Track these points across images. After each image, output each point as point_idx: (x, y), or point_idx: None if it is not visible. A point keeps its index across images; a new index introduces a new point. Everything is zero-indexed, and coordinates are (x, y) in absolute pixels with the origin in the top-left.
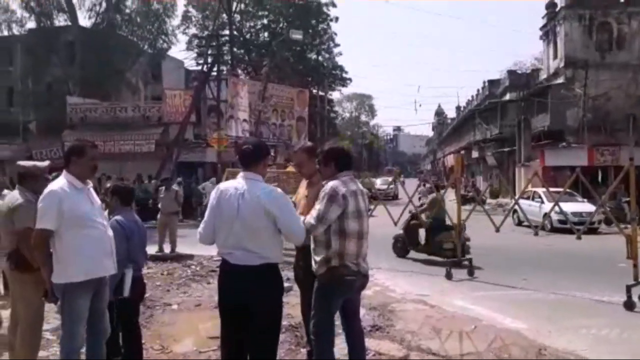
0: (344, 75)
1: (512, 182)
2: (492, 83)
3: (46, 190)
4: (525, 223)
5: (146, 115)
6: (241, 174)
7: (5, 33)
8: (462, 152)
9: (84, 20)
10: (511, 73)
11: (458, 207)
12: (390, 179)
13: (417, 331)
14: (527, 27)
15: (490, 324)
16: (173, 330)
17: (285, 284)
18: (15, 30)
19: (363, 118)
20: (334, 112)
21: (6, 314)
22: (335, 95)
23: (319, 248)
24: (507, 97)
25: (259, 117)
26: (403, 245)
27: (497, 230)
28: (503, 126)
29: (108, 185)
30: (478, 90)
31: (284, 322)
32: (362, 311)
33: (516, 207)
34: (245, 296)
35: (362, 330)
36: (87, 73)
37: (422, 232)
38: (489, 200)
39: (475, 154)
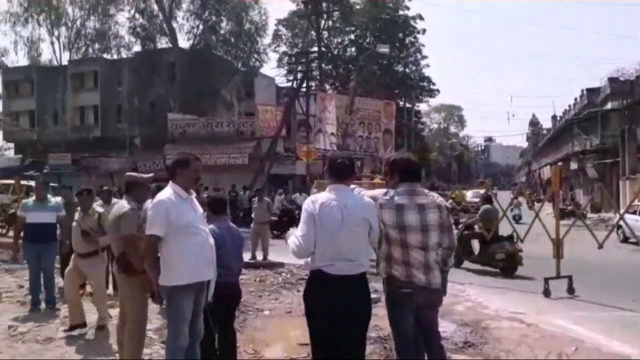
0: (432, 86)
1: (616, 196)
2: (591, 91)
3: (155, 200)
4: (632, 239)
5: (240, 130)
6: (334, 185)
7: (115, 57)
8: (560, 163)
9: (183, 42)
10: (612, 80)
11: (556, 221)
12: (482, 191)
13: (513, 350)
14: (629, 32)
15: (594, 346)
16: (265, 336)
17: (373, 295)
18: (124, 53)
19: (452, 129)
20: (422, 123)
21: (115, 312)
22: (422, 107)
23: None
24: (609, 105)
25: (346, 130)
26: (457, 255)
27: (600, 246)
28: (604, 136)
29: (205, 195)
30: (575, 99)
31: (372, 334)
32: (452, 327)
33: (621, 222)
34: (343, 305)
35: (441, 347)
36: (186, 91)
37: (475, 243)
38: (590, 215)
39: (574, 166)
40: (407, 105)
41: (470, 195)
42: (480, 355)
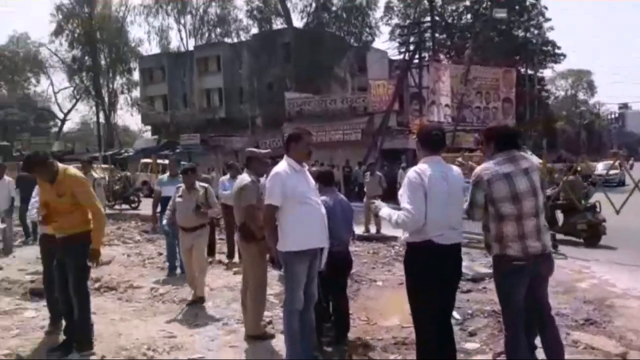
0: (556, 51)
1: None
2: None
3: (272, 172)
4: None
5: (353, 105)
6: (429, 157)
7: (235, 40)
8: None
9: (297, 21)
10: None
11: None
12: (615, 162)
13: None
14: None
15: None
16: (377, 305)
17: (481, 270)
18: (243, 36)
19: (581, 96)
20: (546, 91)
21: (237, 280)
22: (546, 73)
23: (484, 231)
24: None
25: (461, 101)
26: None
27: None
28: None
29: (314, 169)
30: None
31: (487, 307)
32: (574, 304)
33: None
34: (452, 273)
35: (553, 319)
36: (301, 70)
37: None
38: None
39: None
40: (529, 72)
41: (600, 167)
42: (602, 334)
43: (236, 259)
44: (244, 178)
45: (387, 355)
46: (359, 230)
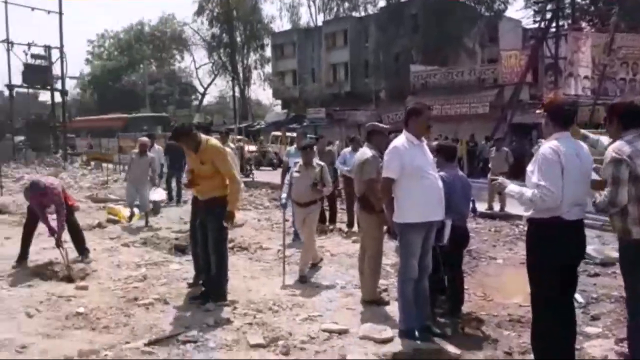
0: None
1: None
2: None
3: (390, 146)
4: None
5: (481, 77)
6: (560, 133)
7: (362, 14)
8: None
9: None
10: None
11: None
12: None
13: None
14: None
15: None
16: (496, 282)
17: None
18: (370, 10)
19: None
20: None
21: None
22: None
23: (615, 216)
24: None
25: (603, 72)
26: None
27: None
28: None
29: (435, 143)
30: None
31: (614, 293)
32: None
33: None
34: (577, 250)
35: None
36: (429, 42)
37: None
38: None
39: None
40: None
41: None
42: None
43: (355, 228)
44: (365, 152)
45: (501, 331)
46: (481, 207)
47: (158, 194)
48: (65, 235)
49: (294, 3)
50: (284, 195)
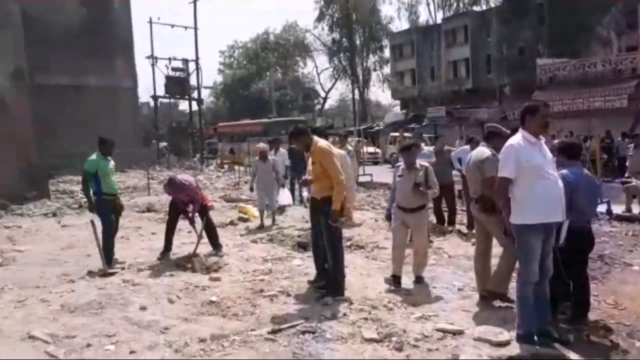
0: None
1: None
2: None
3: (506, 145)
4: None
5: (618, 68)
6: None
7: (484, 8)
8: None
9: None
10: None
11: None
12: None
13: None
14: None
15: None
16: (630, 290)
17: None
18: (492, 3)
19: None
20: None
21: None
22: None
23: None
24: None
25: None
26: None
27: None
28: None
29: (555, 141)
30: None
31: None
32: None
33: None
34: None
35: None
36: (556, 32)
37: None
38: None
39: None
40: None
41: None
42: None
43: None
44: (484, 151)
45: (633, 341)
46: (618, 209)
47: (286, 198)
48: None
49: (413, 2)
50: (389, 205)
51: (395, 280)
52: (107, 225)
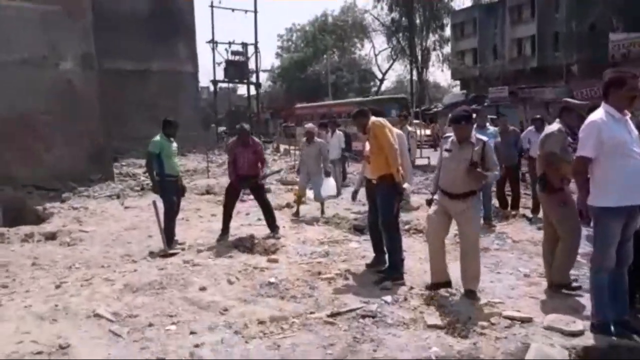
0: None
1: None
2: None
3: (586, 121)
4: None
5: None
6: None
7: None
8: None
9: None
10: None
11: None
12: None
13: None
14: None
15: None
16: None
17: None
18: None
19: None
20: None
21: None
22: None
23: None
24: None
25: None
26: None
27: None
28: None
29: None
30: None
31: None
32: None
33: None
34: None
35: None
36: (632, 5)
37: None
38: None
39: None
40: None
41: None
42: None
43: (541, 214)
44: (552, 127)
45: None
46: None
47: (330, 188)
48: (258, 214)
49: None
50: (433, 188)
51: (439, 287)
52: (169, 207)
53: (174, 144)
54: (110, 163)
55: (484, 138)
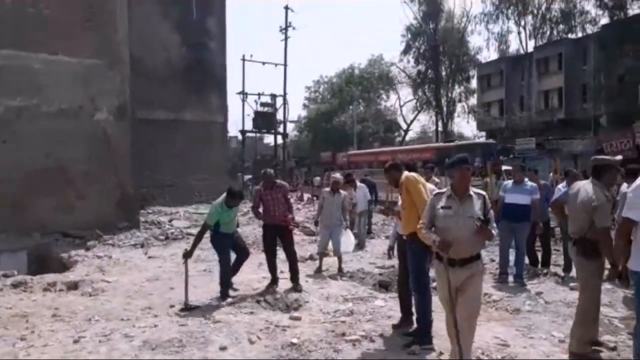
0: None
1: None
2: None
3: (637, 182)
4: None
5: None
6: None
7: (580, 34)
8: None
9: None
10: None
11: None
12: None
13: None
14: None
15: None
16: None
17: None
18: (589, 29)
19: None
20: None
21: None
22: None
23: None
24: None
25: None
26: None
27: None
28: None
29: None
30: None
31: None
32: None
33: None
34: None
35: None
36: None
37: None
38: None
39: None
40: None
41: None
42: None
43: (573, 273)
44: (598, 194)
45: None
46: None
47: (348, 243)
48: (283, 266)
49: (503, 31)
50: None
51: None
52: (226, 262)
53: (233, 212)
54: (137, 211)
55: (482, 192)
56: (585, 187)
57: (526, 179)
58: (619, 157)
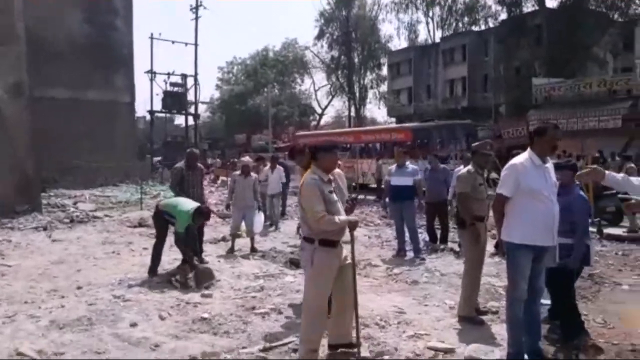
0: None
1: None
2: None
3: (509, 163)
4: None
5: (612, 89)
6: None
7: (482, 27)
8: None
9: (551, 1)
10: None
11: None
12: None
13: None
14: None
15: None
16: (619, 309)
17: None
18: (491, 23)
19: None
20: None
21: None
22: None
23: None
24: None
25: None
26: None
27: None
28: None
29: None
30: None
31: None
32: None
33: None
34: None
35: None
36: (553, 53)
37: None
38: None
39: None
40: None
41: None
42: None
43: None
44: (462, 169)
45: None
46: (619, 229)
47: (258, 225)
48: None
49: (412, 21)
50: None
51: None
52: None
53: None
54: (39, 193)
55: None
56: (460, 169)
57: (408, 162)
58: (486, 141)
